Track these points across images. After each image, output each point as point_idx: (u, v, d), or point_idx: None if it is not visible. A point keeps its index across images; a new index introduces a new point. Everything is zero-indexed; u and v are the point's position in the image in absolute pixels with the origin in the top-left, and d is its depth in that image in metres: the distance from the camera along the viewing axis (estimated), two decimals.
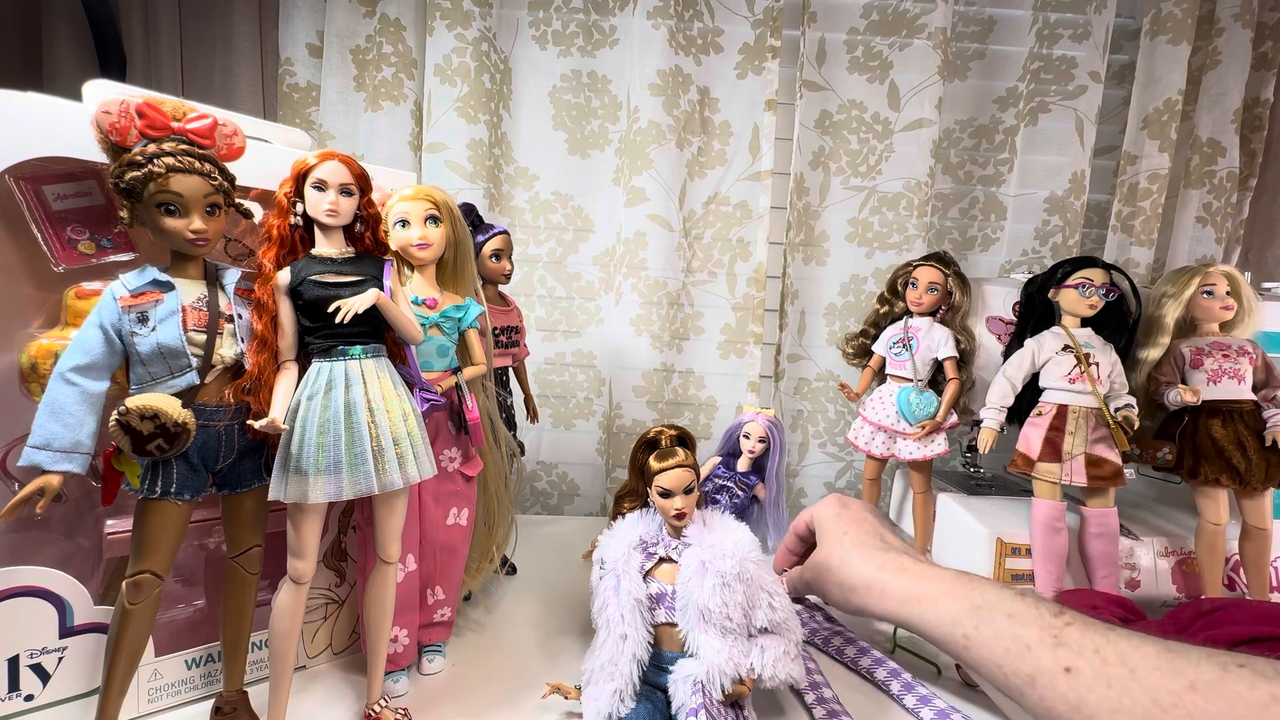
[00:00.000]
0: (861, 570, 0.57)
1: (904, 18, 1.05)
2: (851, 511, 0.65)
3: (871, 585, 0.56)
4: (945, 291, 0.83)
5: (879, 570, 0.57)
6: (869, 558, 0.58)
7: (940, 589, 0.52)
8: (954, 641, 0.49)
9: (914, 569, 0.55)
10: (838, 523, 0.63)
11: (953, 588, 0.51)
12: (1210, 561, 0.73)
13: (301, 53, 1.02)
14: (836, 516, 0.64)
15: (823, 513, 0.66)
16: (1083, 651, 0.41)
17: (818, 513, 0.67)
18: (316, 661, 0.61)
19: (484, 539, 0.67)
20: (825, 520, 0.65)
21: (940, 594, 0.51)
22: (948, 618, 0.50)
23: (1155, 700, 0.37)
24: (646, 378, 1.09)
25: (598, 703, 0.48)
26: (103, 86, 0.50)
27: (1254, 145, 1.09)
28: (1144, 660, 0.39)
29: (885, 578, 0.56)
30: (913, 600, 0.53)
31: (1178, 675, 0.38)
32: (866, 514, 0.65)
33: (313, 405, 0.46)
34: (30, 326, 0.47)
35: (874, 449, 0.85)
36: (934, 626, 0.51)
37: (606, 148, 1.08)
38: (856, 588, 0.57)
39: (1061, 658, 0.42)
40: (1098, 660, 0.41)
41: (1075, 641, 0.42)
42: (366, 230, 0.52)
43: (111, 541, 0.51)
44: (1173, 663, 0.38)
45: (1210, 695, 0.36)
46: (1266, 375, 0.74)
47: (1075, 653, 0.42)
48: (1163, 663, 0.39)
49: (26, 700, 0.47)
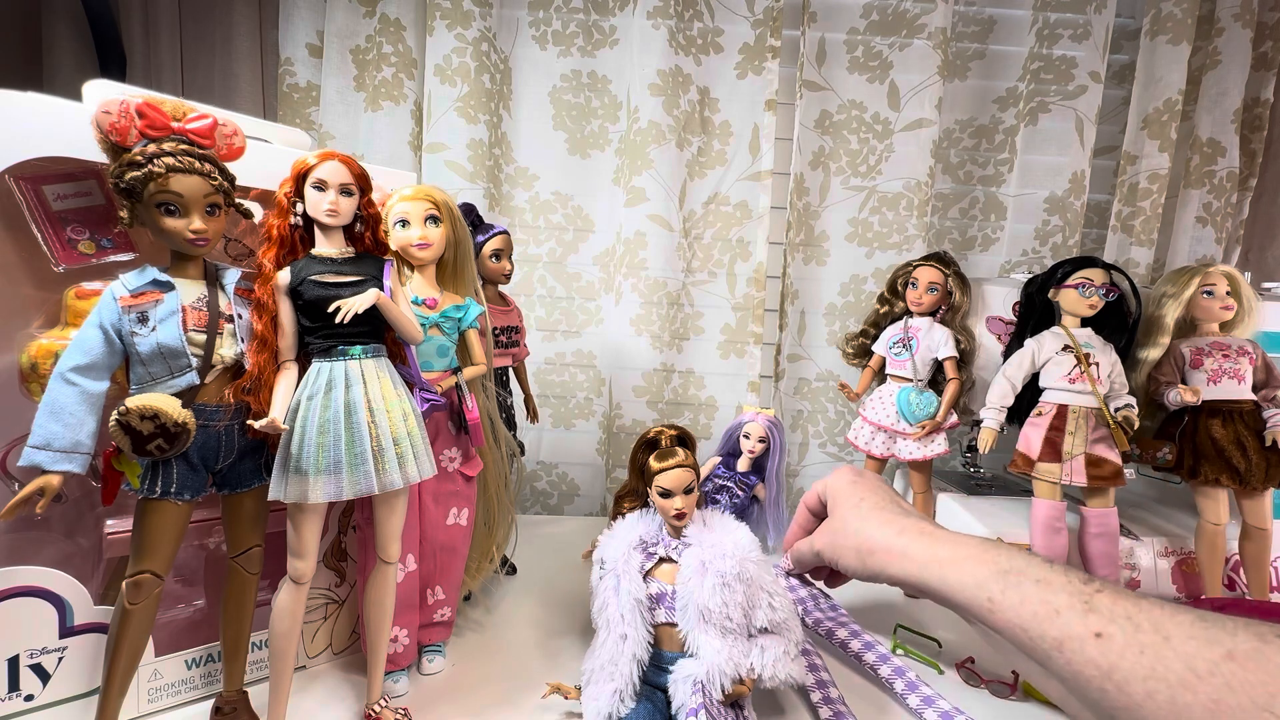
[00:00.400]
0: (880, 533, 0.56)
1: (904, 18, 1.05)
2: (867, 480, 0.64)
3: (891, 548, 0.55)
4: (945, 291, 0.83)
5: (899, 534, 0.55)
6: (888, 521, 0.57)
7: (964, 553, 0.50)
8: (978, 605, 0.47)
9: (935, 533, 0.54)
10: (853, 489, 0.62)
11: (977, 552, 0.50)
12: (1210, 561, 0.73)
13: (301, 53, 1.02)
14: (852, 484, 0.63)
15: (836, 481, 0.65)
16: (1114, 618, 0.40)
17: (831, 482, 0.65)
18: (316, 661, 0.61)
19: (484, 539, 0.67)
20: (839, 488, 0.63)
21: (964, 557, 0.50)
22: (972, 581, 0.48)
23: (1190, 667, 0.36)
24: (646, 378, 1.09)
25: (598, 703, 0.48)
26: (103, 86, 0.50)
27: (1254, 145, 1.09)
28: (1179, 628, 0.38)
29: (905, 541, 0.54)
30: (935, 562, 0.51)
31: (1214, 643, 0.36)
32: (881, 483, 0.64)
33: (313, 405, 0.46)
34: (30, 326, 0.47)
35: (874, 449, 0.85)
36: (957, 590, 0.49)
37: (606, 148, 1.08)
38: (875, 550, 0.56)
39: (1092, 623, 0.41)
40: (1130, 626, 0.39)
41: (1107, 608, 0.41)
42: (366, 230, 0.52)
43: (111, 541, 0.51)
44: (1208, 631, 0.37)
45: (1248, 664, 0.35)
46: (1266, 375, 0.74)
47: (1107, 618, 0.40)
48: (1198, 631, 0.37)
49: (26, 700, 0.47)
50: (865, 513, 0.59)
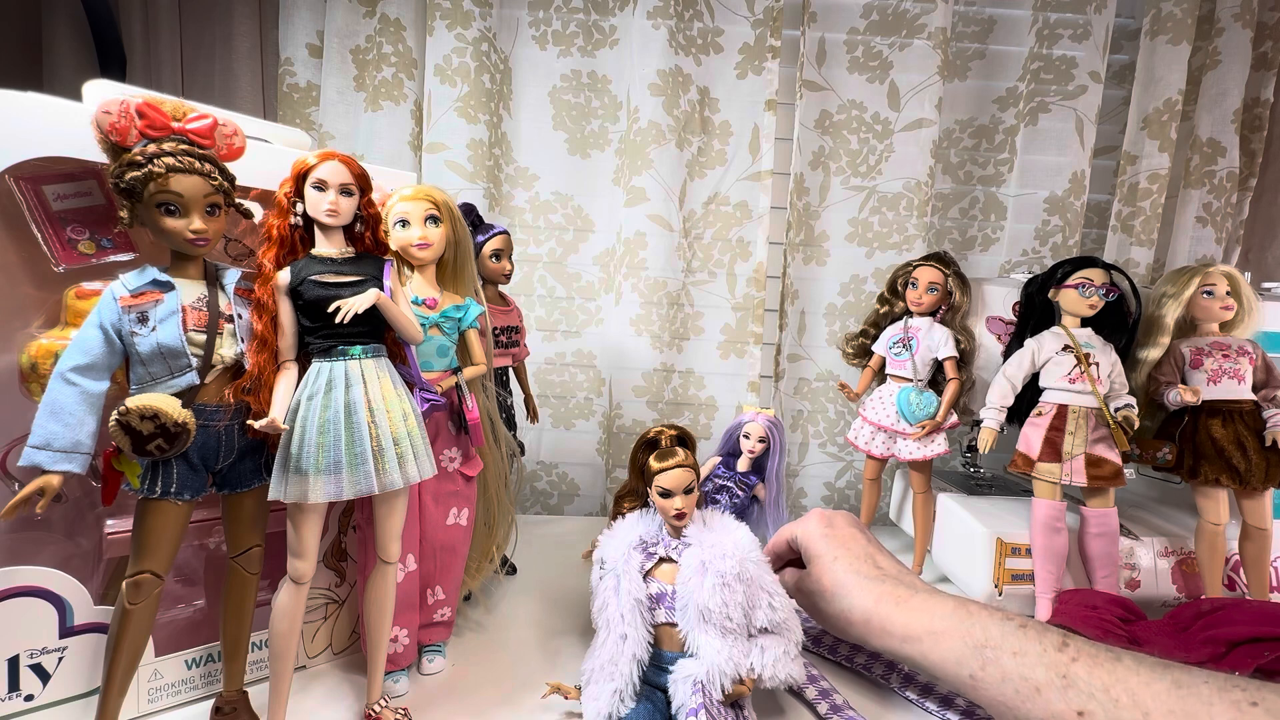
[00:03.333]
0: (859, 603, 0.55)
1: (904, 18, 1.05)
2: (839, 531, 0.62)
3: (870, 620, 0.54)
4: (945, 291, 0.83)
5: (877, 603, 0.55)
6: (864, 588, 0.56)
7: (940, 626, 0.50)
8: (960, 682, 0.48)
9: (910, 600, 0.54)
10: (827, 545, 0.61)
11: (952, 625, 0.50)
12: (1210, 561, 0.73)
13: (301, 53, 1.02)
14: (824, 538, 0.61)
15: (809, 532, 0.63)
16: (1093, 693, 0.41)
17: (803, 533, 0.63)
18: (316, 661, 0.61)
19: (484, 539, 0.67)
20: (813, 541, 0.62)
21: (940, 632, 0.50)
22: (952, 658, 0.49)
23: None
24: (646, 378, 1.09)
25: (598, 703, 0.48)
26: (103, 86, 0.50)
27: (1254, 145, 1.09)
28: (1156, 701, 0.39)
29: (884, 611, 0.54)
30: (913, 638, 0.51)
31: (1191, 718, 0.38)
32: (855, 532, 0.62)
33: (313, 405, 0.46)
34: (30, 326, 0.47)
35: (874, 449, 0.85)
36: (938, 666, 0.50)
37: (606, 148, 1.08)
38: (854, 622, 0.56)
39: (1073, 700, 0.42)
40: (1109, 701, 0.40)
41: (1084, 680, 0.42)
42: (366, 230, 0.52)
43: (111, 541, 0.51)
44: (1184, 703, 0.38)
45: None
46: (1266, 375, 0.74)
47: (1085, 695, 0.41)
48: (1175, 703, 0.39)
49: (26, 700, 0.47)
50: (839, 574, 0.58)
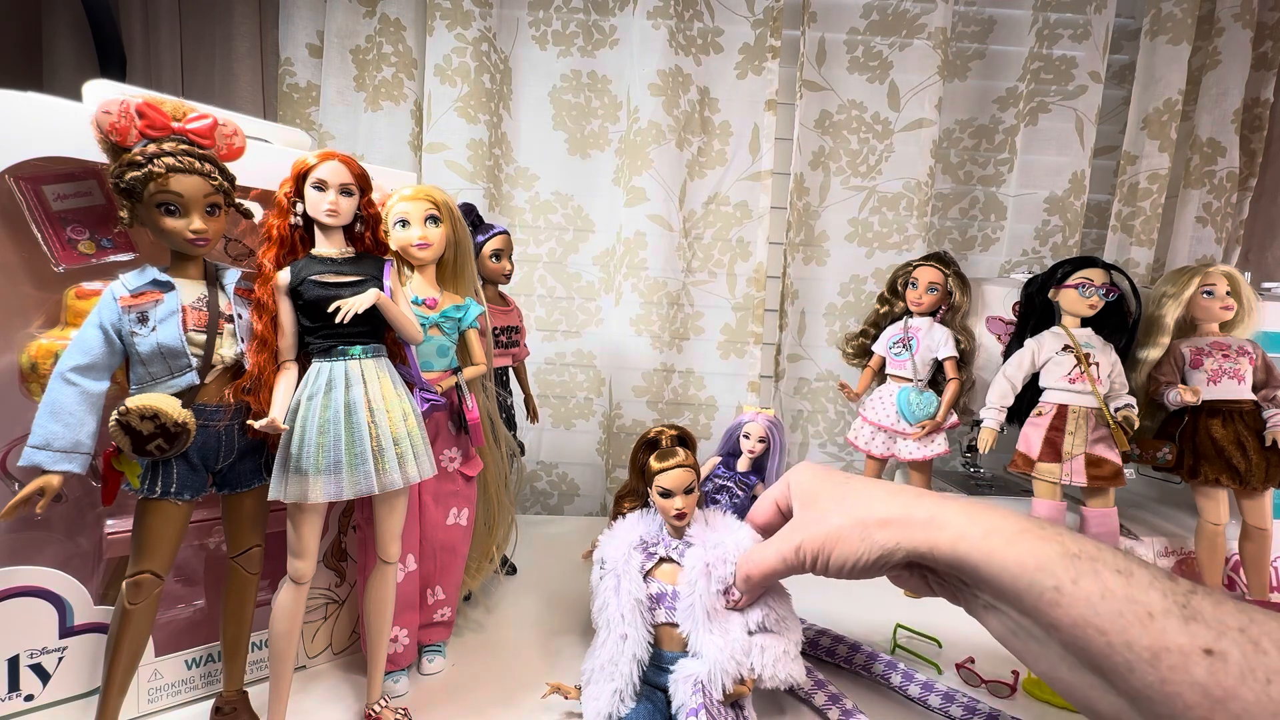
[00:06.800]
0: (890, 504, 0.43)
1: (904, 18, 1.05)
2: (835, 470, 0.51)
3: (910, 517, 0.41)
4: (945, 291, 0.83)
5: (916, 499, 0.43)
6: (895, 492, 0.45)
7: (1015, 525, 0.38)
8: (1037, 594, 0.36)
9: (960, 499, 0.42)
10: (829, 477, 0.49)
11: (1033, 526, 0.38)
12: (1210, 561, 0.73)
13: (301, 53, 1.02)
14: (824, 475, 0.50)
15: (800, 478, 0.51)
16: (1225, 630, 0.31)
17: (794, 480, 0.51)
18: (316, 661, 0.61)
19: (484, 539, 0.67)
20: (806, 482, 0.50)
21: (1018, 531, 0.38)
22: (1033, 562, 0.36)
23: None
24: (646, 378, 1.09)
25: (598, 703, 0.48)
26: (103, 86, 0.50)
27: (1254, 145, 1.09)
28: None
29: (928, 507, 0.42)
30: (977, 535, 0.38)
31: None
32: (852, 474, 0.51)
33: (313, 405, 0.46)
34: (30, 326, 0.47)
35: (874, 449, 0.85)
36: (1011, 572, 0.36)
37: (606, 148, 1.08)
38: (889, 521, 0.42)
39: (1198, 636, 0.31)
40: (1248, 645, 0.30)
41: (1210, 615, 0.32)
42: (366, 230, 0.52)
43: (111, 541, 0.51)
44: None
45: None
46: (1266, 375, 0.74)
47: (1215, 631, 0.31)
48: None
49: (26, 700, 0.47)
50: (856, 490, 0.46)
